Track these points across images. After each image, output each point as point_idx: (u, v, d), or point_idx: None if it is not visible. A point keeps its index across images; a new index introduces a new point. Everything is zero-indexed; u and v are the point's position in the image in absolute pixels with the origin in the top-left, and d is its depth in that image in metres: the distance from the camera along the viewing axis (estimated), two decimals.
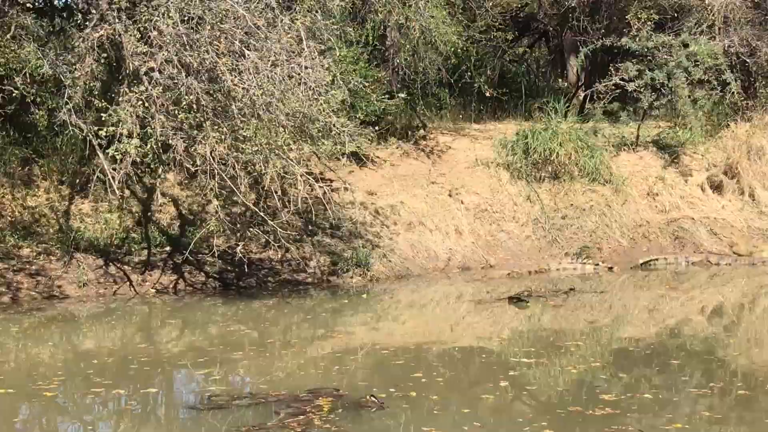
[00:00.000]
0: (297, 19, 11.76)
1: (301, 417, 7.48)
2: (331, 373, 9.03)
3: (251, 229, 13.00)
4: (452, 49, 16.59)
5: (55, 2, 12.98)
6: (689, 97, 16.92)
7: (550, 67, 24.59)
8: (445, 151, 17.47)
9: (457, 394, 8.24)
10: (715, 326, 11.97)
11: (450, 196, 16.28)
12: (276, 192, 12.03)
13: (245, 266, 13.46)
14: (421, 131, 17.69)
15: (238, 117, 11.24)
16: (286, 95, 11.26)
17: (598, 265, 15.34)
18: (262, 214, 12.35)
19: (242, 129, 11.28)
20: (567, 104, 19.24)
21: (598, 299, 13.20)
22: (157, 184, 13.36)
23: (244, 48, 11.27)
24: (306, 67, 11.35)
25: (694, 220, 16.62)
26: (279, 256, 14.10)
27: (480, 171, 16.85)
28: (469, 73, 18.00)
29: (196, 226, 14.02)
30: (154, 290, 13.32)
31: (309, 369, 9.30)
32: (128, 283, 13.31)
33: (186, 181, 14.84)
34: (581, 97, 20.75)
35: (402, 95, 16.07)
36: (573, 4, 19.83)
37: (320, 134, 11.86)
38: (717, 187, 17.17)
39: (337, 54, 13.61)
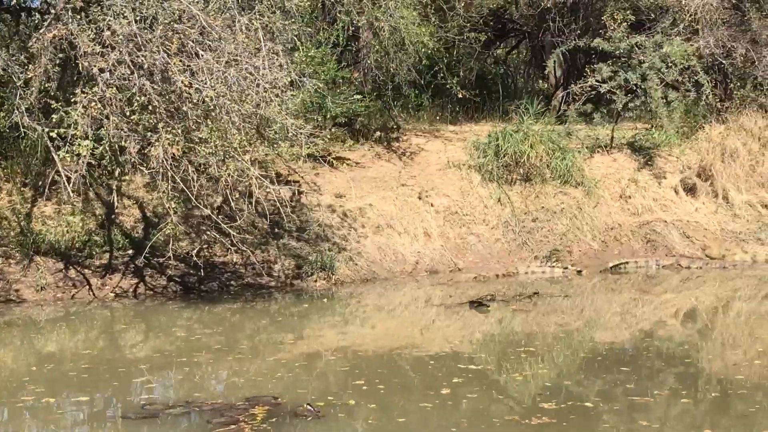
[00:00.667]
0: (255, 19, 11.61)
1: (233, 426, 7.34)
2: (273, 380, 8.86)
3: (209, 233, 12.84)
4: (422, 50, 16.39)
5: (14, 2, 12.78)
6: (663, 98, 16.71)
7: (528, 68, 24.41)
8: (417, 153, 17.26)
9: (396, 402, 8.05)
10: (679, 333, 11.74)
11: (420, 198, 16.06)
12: (234, 194, 11.88)
13: (207, 269, 13.31)
14: (394, 133, 17.49)
15: (192, 118, 11.08)
16: (242, 96, 11.09)
17: (567, 268, 15.13)
18: (217, 217, 12.19)
19: (196, 130, 11.13)
20: (546, 106, 19.06)
21: (566, 303, 12.97)
22: (114, 186, 13.14)
23: (198, 48, 11.11)
24: (261, 68, 11.17)
25: (667, 223, 16.40)
26: (243, 259, 13.90)
27: (451, 173, 16.63)
28: (441, 75, 17.80)
29: (160, 229, 13.82)
30: (113, 294, 13.14)
31: (254, 376, 9.11)
32: (87, 287, 13.14)
33: (152, 183, 14.63)
34: (559, 98, 20.56)
35: (358, 96, 15.84)
36: (548, 5, 19.65)
37: (278, 136, 11.69)
38: (690, 190, 16.95)
39: (301, 54, 13.44)
